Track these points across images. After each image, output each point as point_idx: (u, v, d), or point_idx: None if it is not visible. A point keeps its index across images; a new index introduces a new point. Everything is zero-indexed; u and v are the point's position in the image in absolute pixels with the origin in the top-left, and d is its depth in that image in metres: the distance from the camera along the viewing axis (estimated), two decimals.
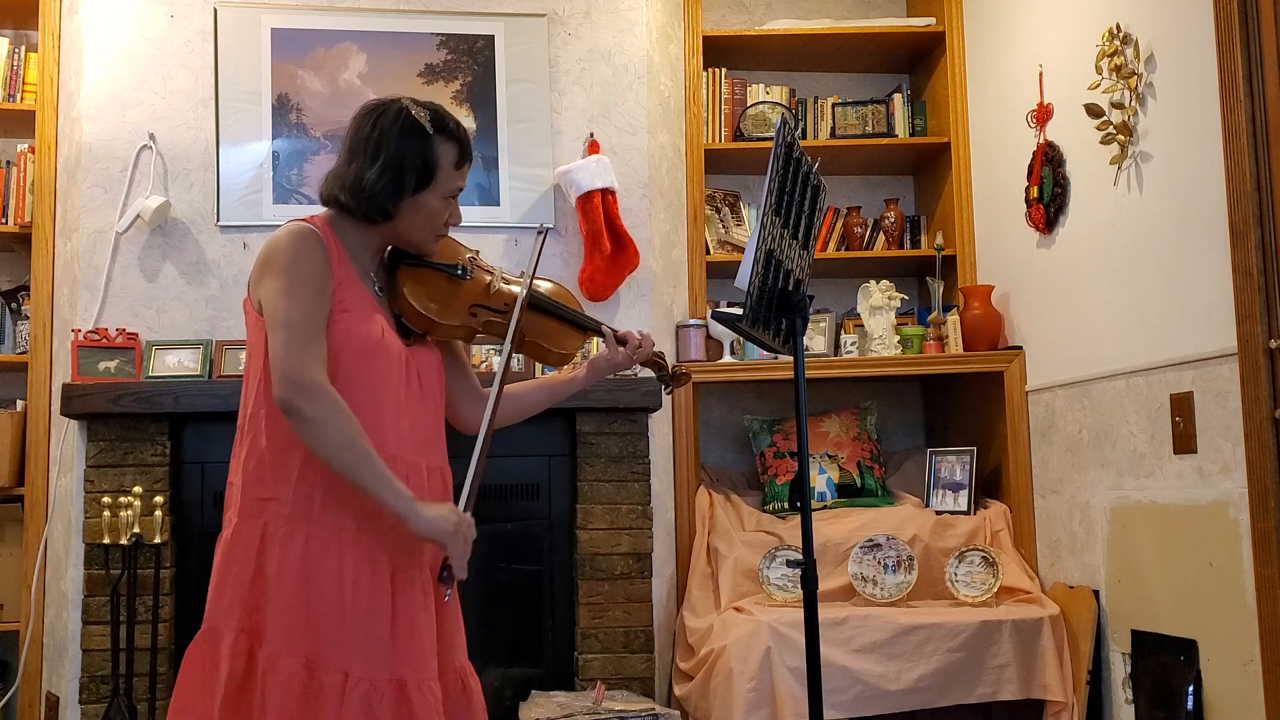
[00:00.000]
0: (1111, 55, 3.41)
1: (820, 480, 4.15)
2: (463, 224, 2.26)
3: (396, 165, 2.09)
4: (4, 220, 3.98)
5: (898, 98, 4.52)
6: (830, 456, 4.20)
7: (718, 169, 4.45)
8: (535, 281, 2.31)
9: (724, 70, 4.43)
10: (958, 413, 4.39)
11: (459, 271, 2.22)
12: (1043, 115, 3.83)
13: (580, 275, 3.89)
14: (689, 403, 4.03)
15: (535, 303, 2.30)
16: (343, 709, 1.95)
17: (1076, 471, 3.66)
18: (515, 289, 2.27)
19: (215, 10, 3.87)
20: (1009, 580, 3.74)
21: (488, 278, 2.27)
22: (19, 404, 3.93)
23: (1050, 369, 3.83)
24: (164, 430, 3.62)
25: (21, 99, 3.99)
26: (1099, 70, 3.48)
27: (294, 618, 1.97)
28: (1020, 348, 4.02)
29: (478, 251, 2.34)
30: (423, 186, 2.11)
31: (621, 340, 2.34)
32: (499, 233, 3.92)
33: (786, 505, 4.09)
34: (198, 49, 3.87)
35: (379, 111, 2.14)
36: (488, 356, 3.85)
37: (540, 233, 2.36)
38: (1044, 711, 3.54)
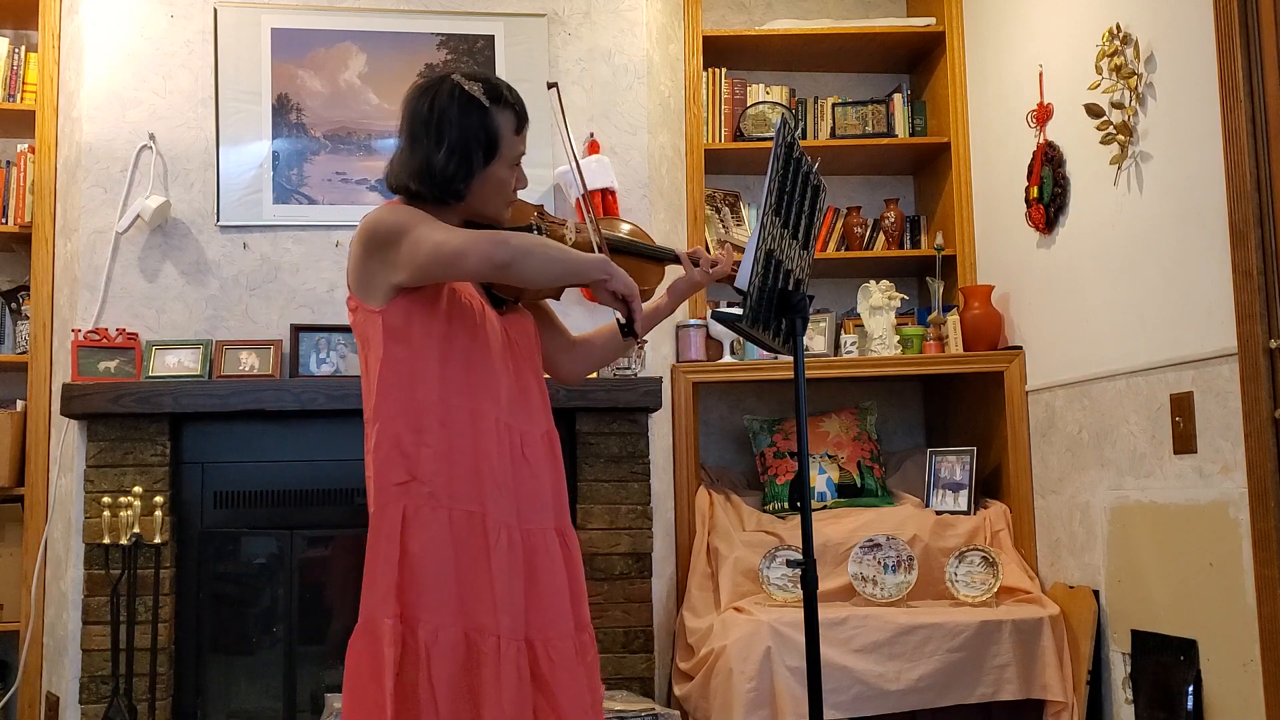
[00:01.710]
0: (1111, 55, 3.41)
1: (820, 480, 4.15)
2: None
3: (463, 144, 2.11)
4: (4, 220, 3.98)
5: (898, 98, 4.52)
6: (830, 456, 4.20)
7: (718, 169, 4.45)
8: (600, 223, 2.33)
9: (724, 70, 4.43)
10: (958, 413, 4.39)
11: (534, 231, 2.24)
12: (1043, 115, 3.83)
13: None
14: (689, 403, 4.03)
15: (611, 244, 2.31)
16: (500, 673, 2.02)
17: (1076, 471, 3.66)
18: (590, 237, 2.29)
19: (215, 10, 3.87)
20: (1009, 580, 3.74)
21: (561, 230, 2.29)
22: (19, 404, 3.92)
23: (1050, 369, 3.83)
24: (164, 430, 3.63)
25: (21, 99, 3.99)
26: (1099, 70, 3.48)
27: (446, 592, 2.03)
28: (1020, 348, 4.02)
29: (542, 205, 2.37)
30: (489, 159, 2.14)
31: (696, 260, 2.38)
32: None
33: (786, 505, 4.09)
34: (198, 49, 3.87)
35: (433, 92, 2.15)
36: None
37: (551, 87, 2.38)
38: (1044, 711, 3.54)
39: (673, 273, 2.47)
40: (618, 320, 2.12)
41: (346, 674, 2.06)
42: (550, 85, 2.38)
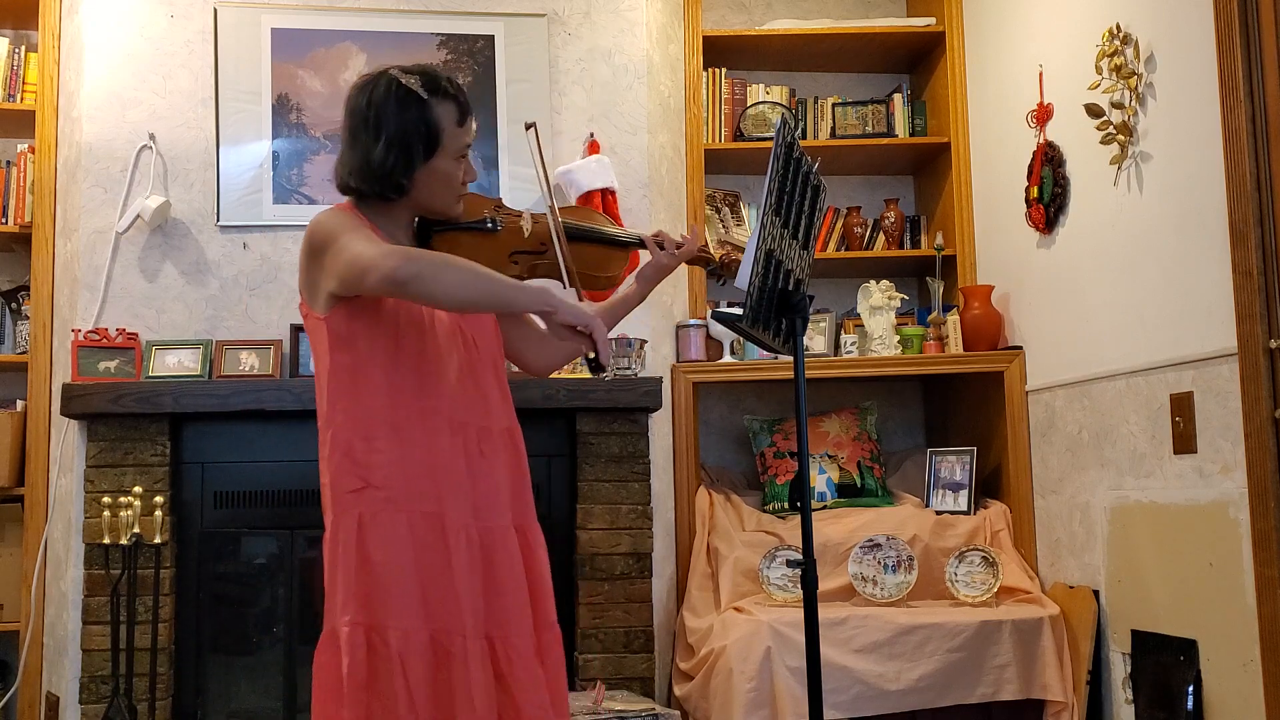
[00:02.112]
0: (1111, 55, 3.41)
1: (820, 480, 4.15)
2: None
3: (401, 138, 2.08)
4: (4, 220, 3.98)
5: (898, 98, 4.52)
6: (830, 456, 4.20)
7: (718, 169, 4.45)
8: (562, 212, 2.29)
9: (724, 70, 4.43)
10: (958, 413, 4.39)
11: (489, 225, 2.22)
12: (1043, 115, 3.83)
13: None
14: (689, 403, 4.03)
15: (570, 232, 2.28)
16: (469, 671, 2.01)
17: (1076, 471, 3.66)
18: (546, 226, 2.26)
19: (215, 10, 3.87)
20: (1009, 580, 3.74)
21: (518, 221, 2.26)
22: (19, 404, 3.93)
23: (1050, 369, 3.83)
24: (164, 430, 3.63)
25: (21, 99, 3.99)
26: (1099, 70, 3.48)
27: (411, 596, 2.01)
28: (1020, 348, 4.02)
29: (500, 199, 2.34)
30: (431, 152, 2.10)
31: (661, 243, 2.35)
32: None
33: (786, 505, 4.09)
34: (198, 49, 3.87)
35: (370, 87, 2.12)
36: None
37: (529, 127, 2.30)
38: (1044, 711, 3.54)
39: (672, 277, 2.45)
40: (585, 356, 2.03)
41: (314, 693, 2.05)
42: (528, 126, 2.32)
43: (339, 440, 2.06)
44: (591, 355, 2.03)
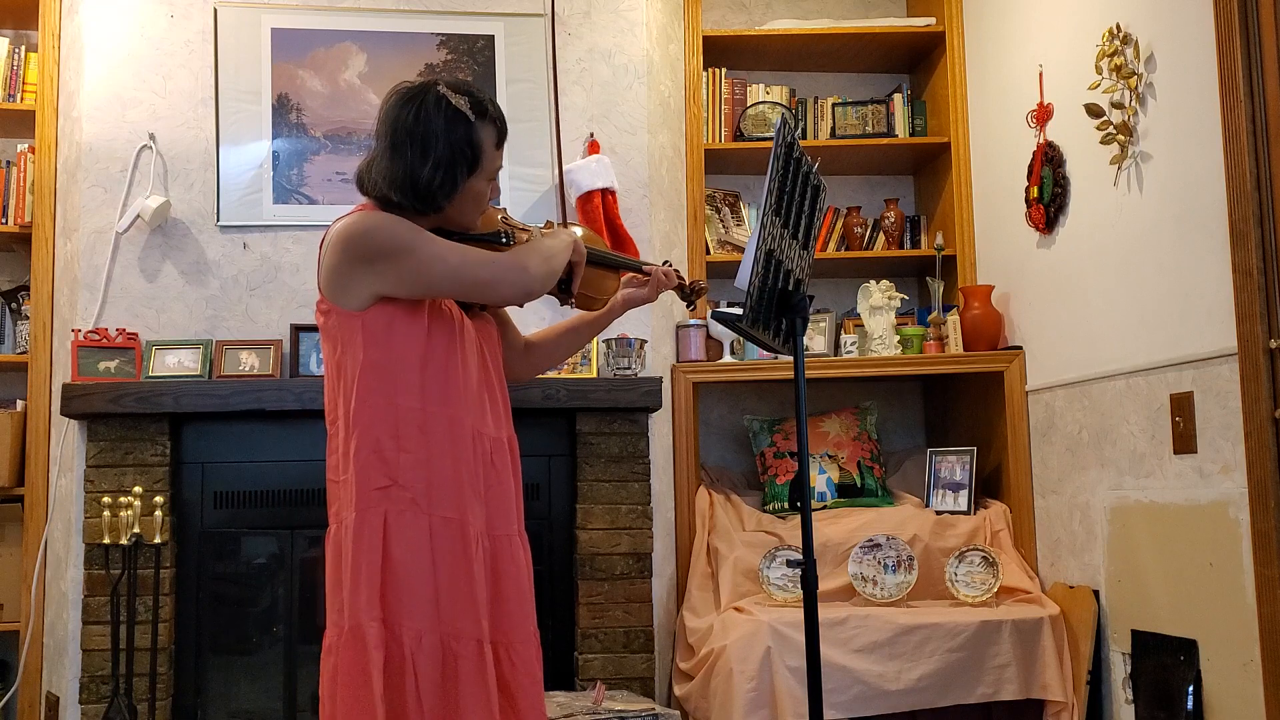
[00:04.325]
0: (1111, 55, 3.41)
1: (820, 480, 4.15)
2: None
3: (449, 159, 2.10)
4: (4, 220, 3.98)
5: (898, 98, 4.52)
6: (830, 456, 4.20)
7: (718, 169, 4.45)
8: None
9: (724, 70, 4.43)
10: (958, 413, 4.39)
11: (502, 239, 2.25)
12: (1043, 115, 3.83)
13: None
14: (689, 403, 4.03)
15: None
16: (485, 675, 2.04)
17: (1076, 471, 3.66)
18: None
19: (215, 10, 3.87)
20: (1009, 580, 3.74)
21: (526, 236, 2.30)
22: (19, 404, 3.93)
23: (1050, 369, 3.83)
24: (164, 430, 3.63)
25: (21, 99, 3.99)
26: (1099, 70, 3.48)
27: (426, 598, 2.04)
28: (1020, 348, 4.02)
29: (505, 209, 2.39)
30: (471, 173, 2.13)
31: (646, 279, 2.45)
32: None
33: (786, 505, 4.09)
34: (198, 49, 3.87)
35: (419, 101, 2.12)
36: None
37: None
38: (1044, 711, 3.54)
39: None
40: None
41: (327, 682, 2.05)
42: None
43: (368, 437, 2.07)
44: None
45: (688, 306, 2.67)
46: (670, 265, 2.49)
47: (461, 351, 2.14)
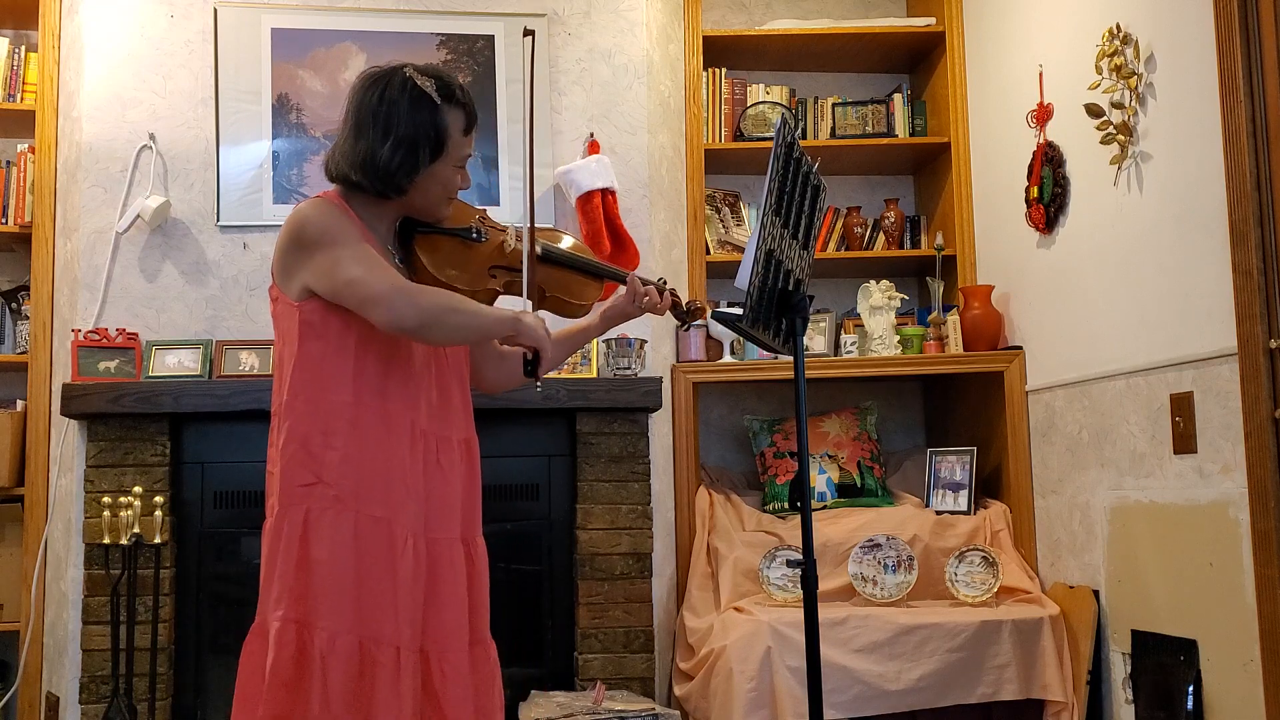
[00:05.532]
0: (1111, 55, 3.41)
1: (820, 480, 4.15)
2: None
3: (410, 139, 2.06)
4: (4, 220, 3.98)
5: (898, 98, 4.52)
6: (830, 456, 4.20)
7: (718, 169, 4.45)
8: (547, 234, 2.31)
9: (724, 70, 4.43)
10: (958, 413, 4.39)
11: (474, 235, 2.21)
12: (1043, 115, 3.83)
13: None
14: (689, 403, 4.03)
15: (549, 256, 2.28)
16: (399, 683, 1.98)
17: (1076, 471, 3.66)
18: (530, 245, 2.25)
19: (215, 10, 3.87)
20: (1009, 580, 3.74)
21: (501, 236, 2.25)
22: (19, 404, 3.93)
23: (1050, 369, 3.83)
24: (164, 430, 3.63)
25: (21, 99, 3.99)
26: (1099, 70, 3.48)
27: (346, 598, 1.99)
28: (1020, 348, 4.02)
29: (485, 210, 2.34)
30: (435, 157, 2.09)
31: (640, 286, 2.34)
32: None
33: (786, 505, 4.09)
34: (198, 49, 3.87)
35: (384, 82, 2.10)
36: None
37: (528, 34, 2.26)
38: (1044, 711, 3.54)
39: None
40: (524, 355, 2.10)
41: (238, 681, 2.04)
42: (527, 33, 2.27)
43: (296, 431, 2.04)
44: (529, 356, 2.08)
45: (683, 328, 2.58)
46: (666, 284, 2.38)
47: (406, 347, 2.09)
